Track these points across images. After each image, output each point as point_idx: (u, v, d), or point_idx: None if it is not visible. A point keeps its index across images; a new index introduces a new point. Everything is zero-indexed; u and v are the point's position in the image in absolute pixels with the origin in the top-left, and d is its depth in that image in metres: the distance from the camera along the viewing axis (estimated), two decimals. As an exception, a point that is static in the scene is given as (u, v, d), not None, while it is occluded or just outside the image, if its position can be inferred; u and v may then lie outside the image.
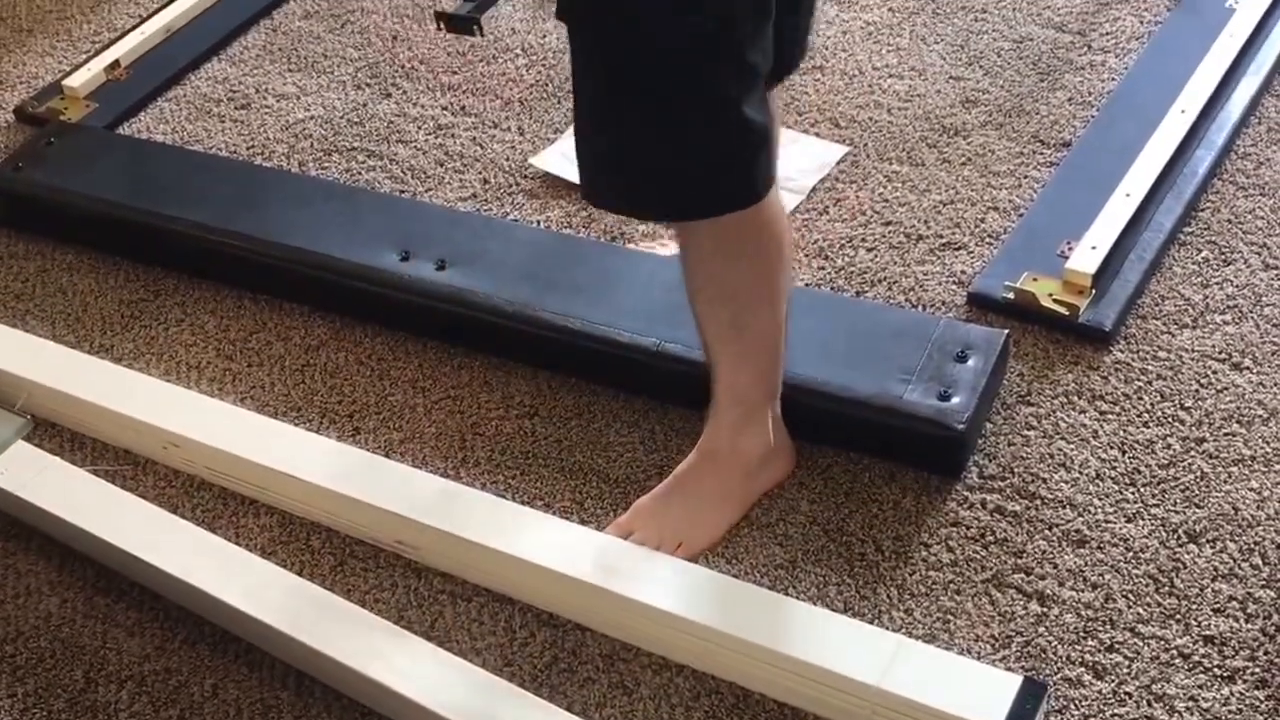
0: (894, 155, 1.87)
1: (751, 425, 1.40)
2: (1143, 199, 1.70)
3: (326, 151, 1.99)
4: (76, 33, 2.28)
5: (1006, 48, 2.03)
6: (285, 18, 2.28)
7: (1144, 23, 2.03)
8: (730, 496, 1.42)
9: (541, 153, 1.93)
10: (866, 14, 2.12)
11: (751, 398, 1.40)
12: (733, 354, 1.36)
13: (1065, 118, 1.90)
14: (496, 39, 2.16)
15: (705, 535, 1.40)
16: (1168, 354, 1.56)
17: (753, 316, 1.34)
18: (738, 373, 1.38)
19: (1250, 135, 1.82)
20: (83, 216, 1.86)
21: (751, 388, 1.39)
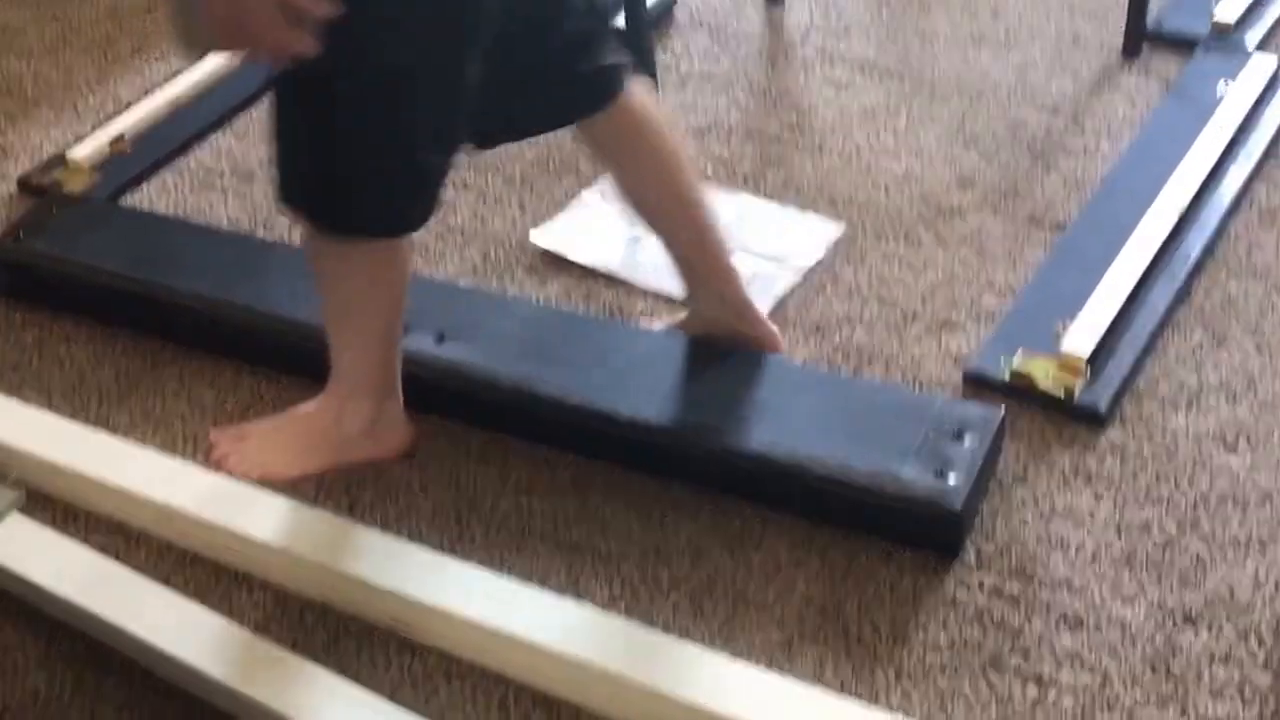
0: (891, 234, 1.89)
1: (353, 403, 1.58)
2: (1137, 281, 1.72)
3: (328, 225, 2.00)
4: (82, 105, 2.31)
5: (1001, 131, 2.06)
6: (288, 92, 2.30)
7: (1135, 108, 2.06)
8: (319, 450, 1.60)
9: (542, 228, 1.95)
10: (864, 96, 2.16)
11: (353, 380, 1.57)
12: (335, 341, 1.55)
13: (1059, 200, 1.92)
14: (498, 116, 2.19)
15: (283, 470, 1.59)
16: (1163, 435, 1.57)
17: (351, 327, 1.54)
18: (339, 356, 1.56)
19: (1242, 219, 1.84)
20: (82, 287, 1.87)
21: (352, 373, 1.57)
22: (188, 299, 1.79)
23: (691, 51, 2.30)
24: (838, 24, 2.33)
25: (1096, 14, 2.28)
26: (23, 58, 2.44)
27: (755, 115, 2.14)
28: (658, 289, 1.84)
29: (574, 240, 1.92)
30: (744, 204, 1.96)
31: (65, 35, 2.50)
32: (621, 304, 1.82)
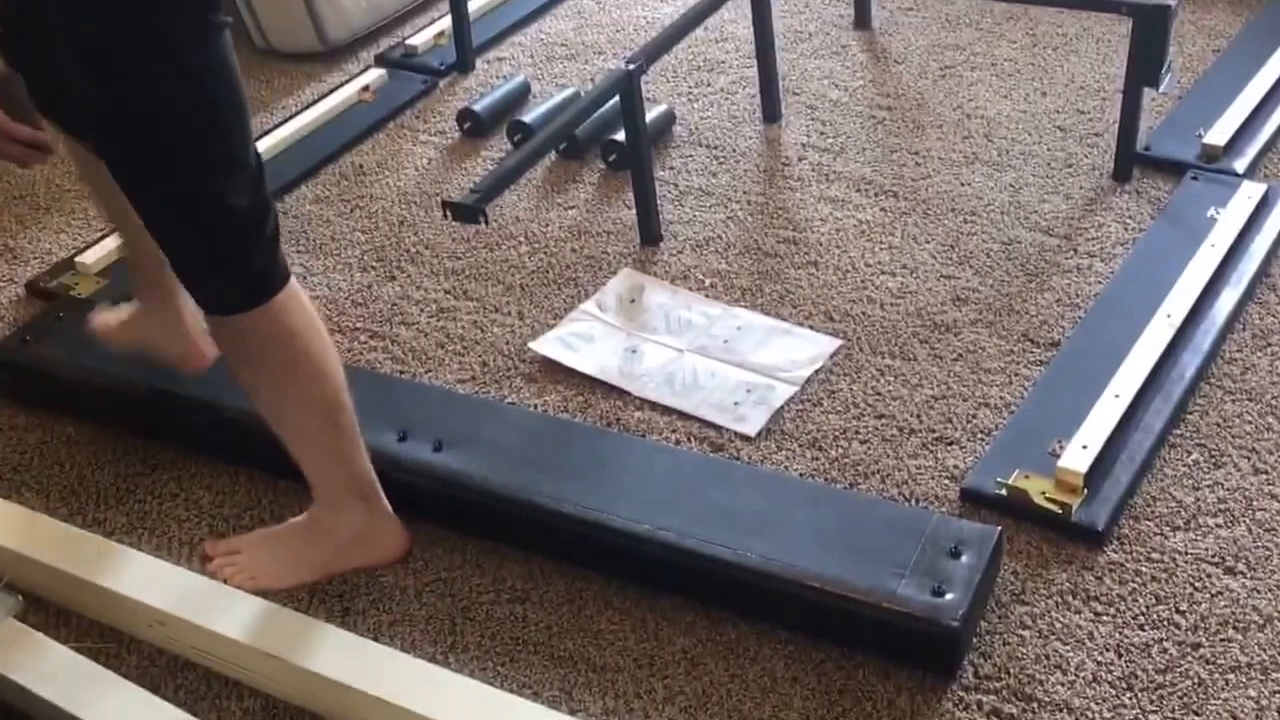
0: (887, 350, 1.91)
1: (341, 511, 1.56)
2: (1132, 400, 1.73)
3: (330, 331, 2.01)
4: (92, 211, 2.34)
5: (996, 249, 2.09)
6: (296, 201, 2.34)
7: (1128, 230, 2.10)
8: (312, 561, 1.58)
9: (540, 337, 1.97)
10: (860, 213, 2.19)
11: (329, 484, 1.55)
12: (289, 442, 1.52)
13: (1054, 318, 1.94)
14: (500, 226, 2.22)
15: (275, 581, 1.57)
16: (1161, 556, 1.57)
17: (286, 416, 1.50)
18: (303, 459, 1.53)
19: (1235, 341, 1.86)
20: (85, 390, 1.88)
21: (321, 475, 1.54)
22: (187, 403, 1.80)
23: (690, 167, 2.35)
24: (833, 142, 2.38)
25: (1087, 137, 2.33)
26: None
27: (753, 230, 2.18)
28: (655, 399, 1.85)
29: (572, 349, 1.94)
30: (742, 318, 1.98)
31: (76, 141, 2.54)
32: (618, 414, 1.83)
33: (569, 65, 2.70)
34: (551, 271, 2.12)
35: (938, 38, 2.67)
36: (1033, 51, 2.60)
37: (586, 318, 2.00)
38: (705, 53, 2.68)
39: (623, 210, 2.23)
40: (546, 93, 2.58)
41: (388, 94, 2.62)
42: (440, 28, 2.79)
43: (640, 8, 2.90)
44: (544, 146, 2.01)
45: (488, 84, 2.65)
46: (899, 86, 2.53)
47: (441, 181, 2.36)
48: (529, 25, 2.86)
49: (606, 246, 2.16)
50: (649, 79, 2.29)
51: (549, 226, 2.22)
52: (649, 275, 2.09)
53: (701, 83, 2.60)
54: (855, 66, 2.61)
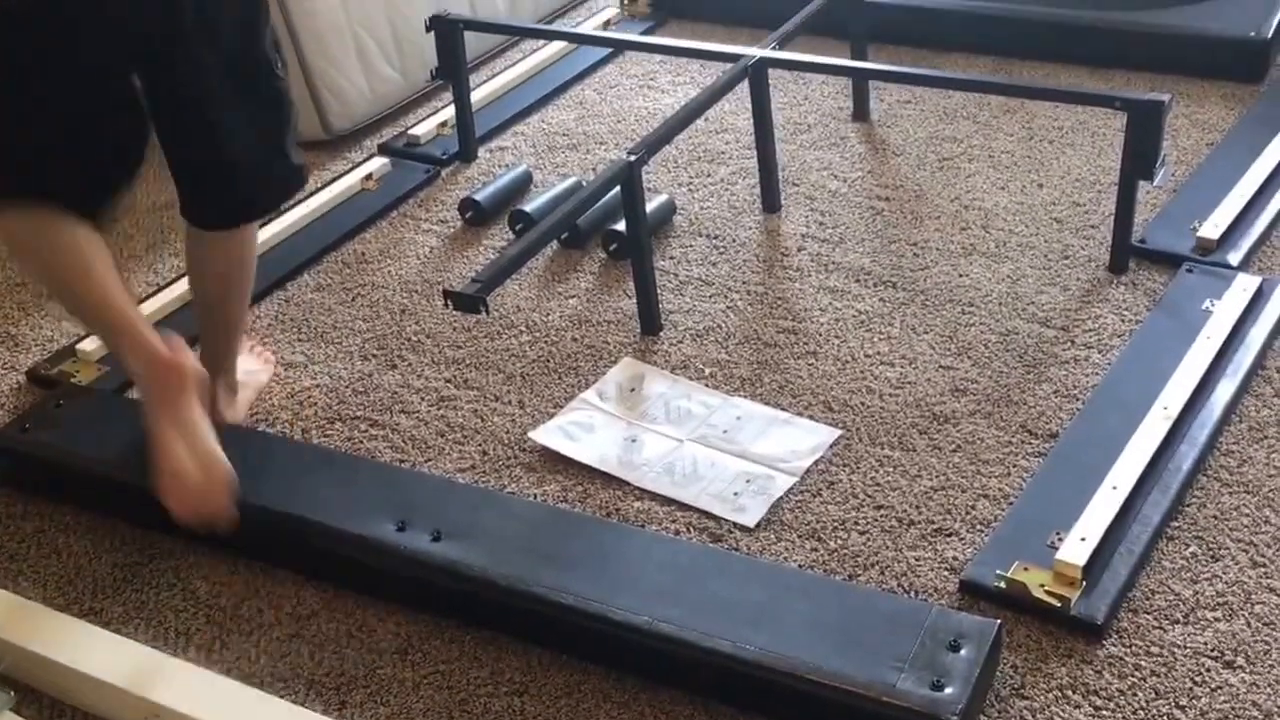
0: (886, 440, 1.92)
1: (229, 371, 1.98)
2: (1129, 492, 1.73)
3: (330, 420, 2.03)
4: (96, 297, 2.36)
5: (993, 340, 2.10)
6: (298, 289, 2.36)
7: (1125, 321, 2.11)
8: None
9: (540, 427, 1.98)
10: (859, 303, 2.21)
11: None
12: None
13: (1051, 409, 1.95)
14: (501, 315, 2.24)
15: None
16: (1160, 650, 1.56)
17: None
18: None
19: (1232, 433, 1.87)
20: (84, 478, 1.88)
21: None
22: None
23: (691, 257, 2.37)
24: (832, 233, 2.41)
25: (1083, 229, 2.35)
26: (41, 249, 2.51)
27: (753, 320, 2.19)
28: (654, 489, 1.85)
29: (572, 439, 1.95)
30: (741, 408, 1.99)
31: (84, 229, 2.57)
32: (618, 504, 1.83)
33: (571, 155, 2.74)
34: (552, 360, 2.13)
35: (935, 130, 2.71)
36: (1029, 144, 2.64)
37: (586, 407, 2.01)
38: (706, 143, 2.72)
39: (623, 299, 2.25)
40: (548, 182, 2.62)
41: (390, 182, 2.66)
42: (443, 117, 2.83)
43: (641, 99, 2.95)
44: (545, 237, 2.03)
45: (490, 173, 2.69)
46: (897, 178, 2.56)
47: (443, 270, 2.39)
48: (531, 115, 2.91)
49: (607, 336, 2.18)
50: (650, 169, 2.33)
51: (550, 315, 2.24)
52: (649, 365, 2.10)
53: (702, 173, 2.63)
54: (854, 158, 2.65)
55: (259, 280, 2.32)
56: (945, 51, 2.98)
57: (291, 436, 2.00)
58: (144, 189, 2.69)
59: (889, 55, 2.92)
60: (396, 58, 2.92)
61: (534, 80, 3.02)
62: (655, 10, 3.32)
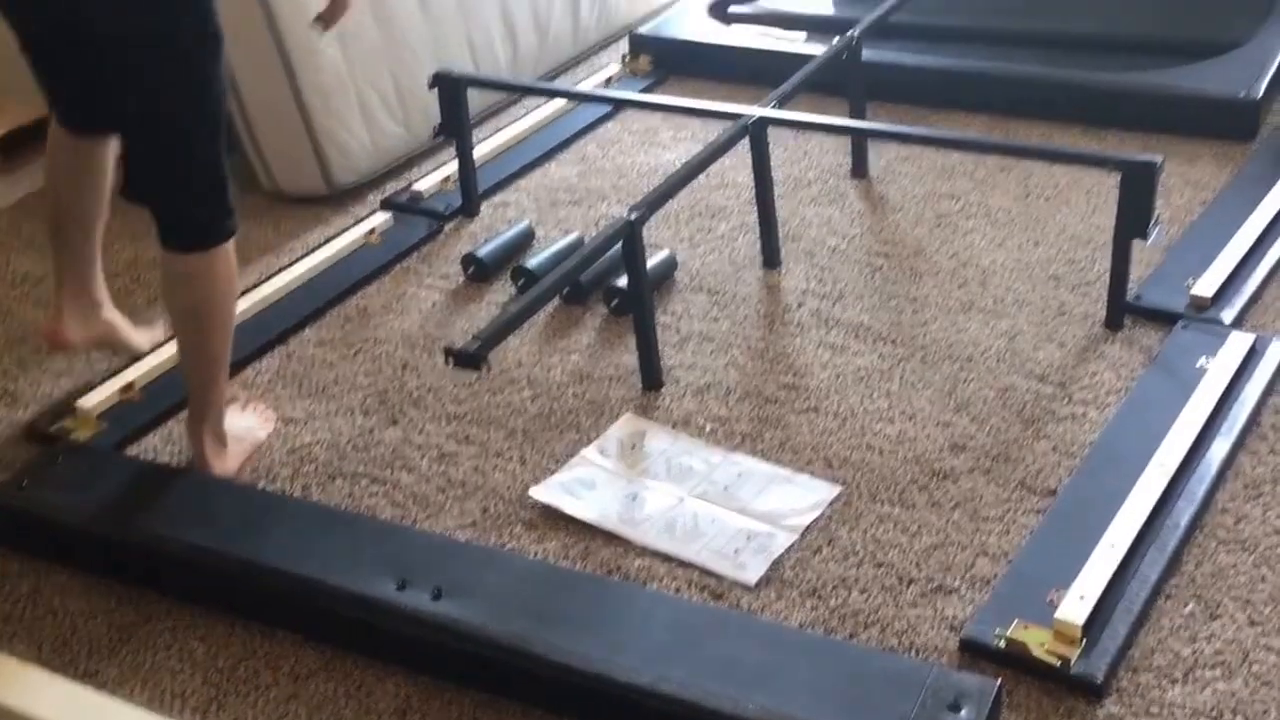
0: (886, 497, 1.92)
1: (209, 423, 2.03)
2: (1128, 550, 1.73)
3: (330, 476, 2.04)
4: (95, 354, 2.37)
5: (992, 396, 2.12)
6: (300, 344, 2.38)
7: (1120, 378, 2.13)
8: None
9: (542, 484, 1.98)
10: (859, 359, 2.23)
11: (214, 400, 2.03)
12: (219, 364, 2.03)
13: (1050, 466, 1.96)
14: (503, 370, 2.25)
15: None
16: (1160, 709, 1.56)
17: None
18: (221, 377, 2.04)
19: (1228, 490, 1.88)
20: (80, 537, 1.88)
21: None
22: (183, 552, 1.80)
23: (691, 313, 2.39)
24: (832, 289, 2.43)
25: (1079, 286, 2.37)
26: (41, 307, 2.52)
27: (753, 376, 2.21)
28: (655, 546, 1.85)
29: (573, 496, 1.95)
30: (742, 464, 2.00)
31: (87, 284, 2.59)
32: (619, 561, 1.83)
33: (573, 210, 2.77)
34: (553, 416, 2.14)
35: (933, 187, 2.74)
36: (1025, 202, 2.66)
37: (588, 463, 2.02)
38: (706, 199, 2.75)
39: (625, 355, 2.27)
40: (550, 238, 2.64)
41: (393, 237, 2.68)
42: (446, 172, 2.86)
43: (643, 154, 2.98)
44: (546, 295, 2.05)
45: (492, 228, 2.71)
46: (896, 234, 2.59)
47: (445, 325, 2.41)
48: (534, 171, 2.94)
49: (608, 391, 2.19)
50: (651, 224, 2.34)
51: (551, 371, 2.25)
52: (650, 420, 2.12)
53: (703, 229, 2.66)
54: (853, 214, 2.67)
55: (260, 335, 2.36)
56: (942, 110, 3.02)
57: (291, 493, 2.01)
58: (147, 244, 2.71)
59: (887, 113, 2.95)
60: (400, 112, 2.95)
61: (537, 136, 3.05)
62: (656, 68, 3.36)
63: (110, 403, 2.18)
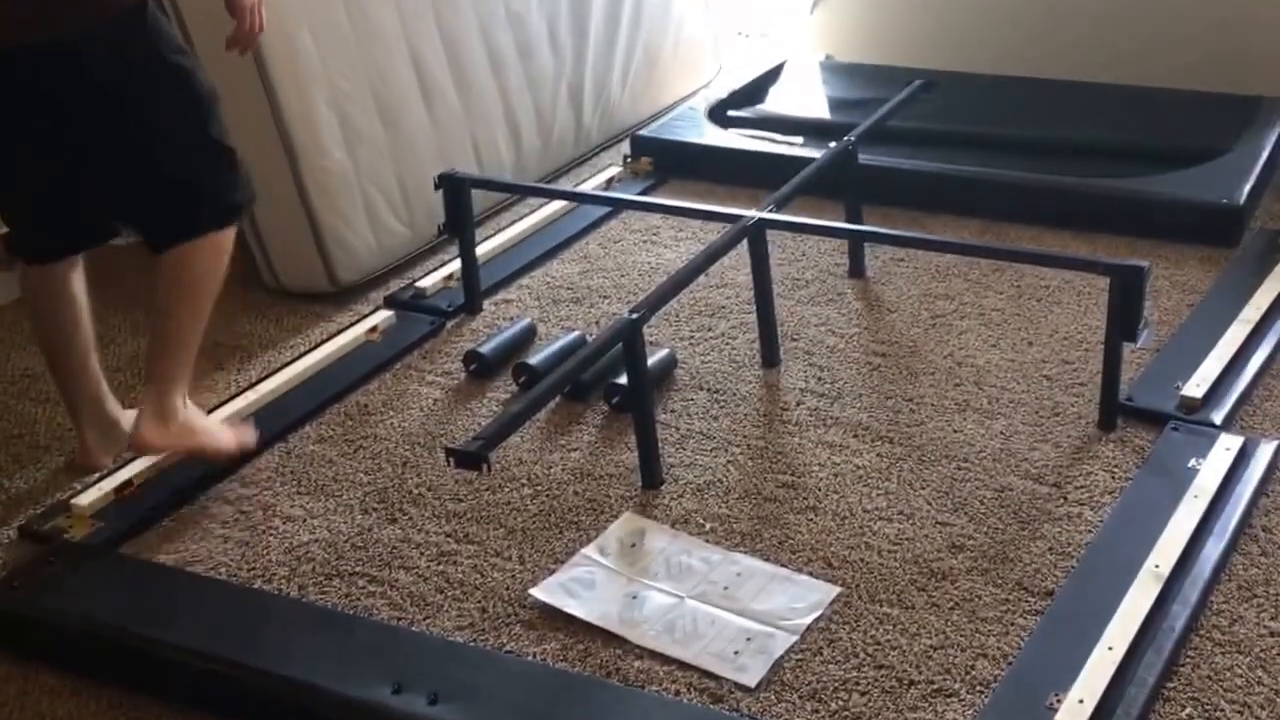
0: (885, 597, 1.93)
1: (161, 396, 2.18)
2: (1125, 652, 1.74)
3: (328, 576, 2.04)
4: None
5: (989, 496, 2.13)
6: (300, 441, 2.40)
7: (1115, 478, 2.15)
8: None
9: (541, 584, 1.99)
10: (857, 458, 2.25)
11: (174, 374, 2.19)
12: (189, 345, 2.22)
13: (1047, 566, 1.97)
14: (503, 468, 2.27)
15: None
16: (1163, 817, 1.55)
17: None
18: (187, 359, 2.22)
19: (1222, 592, 1.89)
20: (72, 639, 1.87)
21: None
22: (176, 654, 1.80)
23: (691, 411, 2.42)
24: (831, 388, 2.46)
25: (1072, 387, 2.41)
26: (39, 403, 2.54)
27: (753, 474, 2.23)
28: (655, 647, 1.85)
29: (573, 596, 1.96)
30: (742, 564, 2.01)
31: (90, 380, 2.61)
32: (618, 663, 1.83)
33: (574, 309, 2.81)
34: (554, 515, 2.15)
35: (928, 288, 2.79)
36: (1018, 303, 2.71)
37: (588, 563, 2.03)
38: (707, 298, 2.79)
39: (625, 453, 2.29)
40: (552, 335, 2.68)
41: (395, 334, 2.71)
42: (450, 270, 2.91)
43: (644, 253, 3.03)
44: (548, 393, 2.08)
45: (494, 326, 2.74)
46: (892, 334, 2.63)
47: (446, 422, 2.43)
48: (536, 269, 2.99)
49: (609, 490, 2.21)
50: (651, 323, 2.38)
51: (552, 469, 2.27)
52: (650, 519, 2.13)
53: (703, 327, 2.69)
54: (850, 314, 2.71)
55: (260, 430, 2.38)
56: (936, 213, 3.08)
57: (288, 593, 2.01)
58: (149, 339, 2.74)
59: (883, 216, 3.01)
60: (404, 212, 3.00)
61: (539, 235, 3.11)
62: (657, 169, 3.43)
63: (105, 501, 2.18)
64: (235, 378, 2.60)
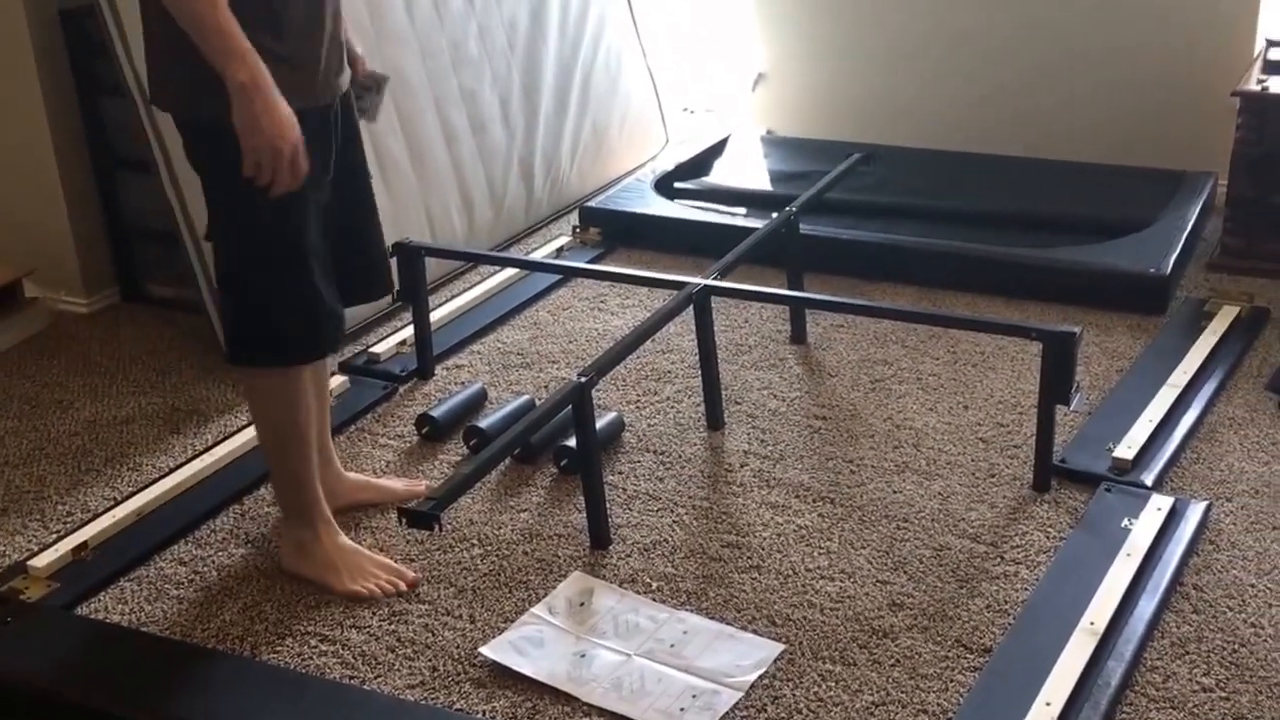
0: (828, 655, 1.98)
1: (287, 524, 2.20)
2: (1062, 708, 1.79)
3: (280, 635, 2.06)
4: (50, 513, 2.39)
5: (928, 555, 2.19)
6: (255, 503, 2.41)
7: (1049, 538, 2.22)
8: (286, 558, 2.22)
9: (491, 642, 2.02)
10: (799, 519, 2.30)
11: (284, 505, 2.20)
12: None
13: (985, 624, 2.03)
14: (454, 529, 2.30)
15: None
16: None
17: None
18: None
19: (1156, 649, 1.95)
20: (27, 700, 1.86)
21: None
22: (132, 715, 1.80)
23: (638, 473, 2.46)
24: (773, 450, 2.51)
25: (1007, 449, 2.48)
26: (10, 466, 2.54)
27: (698, 534, 2.27)
28: (603, 705, 1.88)
29: (522, 654, 1.99)
30: (688, 622, 2.05)
31: (42, 445, 2.62)
32: (567, 720, 1.86)
33: (524, 373, 2.86)
34: (503, 574, 2.19)
35: (867, 353, 2.87)
36: (954, 367, 2.79)
37: (537, 621, 2.06)
38: (653, 363, 2.85)
39: (574, 514, 2.33)
40: (502, 399, 2.72)
41: (349, 399, 2.74)
42: (403, 336, 2.94)
43: (592, 320, 3.09)
44: (498, 455, 2.12)
45: (446, 390, 2.78)
46: (833, 398, 2.70)
47: (398, 485, 2.45)
48: (487, 335, 3.04)
49: (558, 550, 2.24)
50: (599, 387, 2.43)
51: (502, 529, 2.30)
52: (598, 579, 2.17)
53: (649, 391, 2.75)
54: (792, 378, 2.78)
55: (215, 494, 2.40)
56: (875, 280, 3.18)
57: (241, 653, 2.02)
58: (107, 403, 2.76)
59: (823, 283, 3.10)
60: (356, 279, 3.04)
61: (490, 302, 3.16)
62: (605, 238, 3.50)
63: (62, 563, 2.19)
64: (192, 441, 2.62)
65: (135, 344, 3.03)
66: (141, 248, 3.20)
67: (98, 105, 3.07)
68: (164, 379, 2.87)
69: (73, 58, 3.03)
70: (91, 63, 3.01)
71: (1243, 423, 2.52)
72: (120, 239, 3.21)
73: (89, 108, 3.07)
